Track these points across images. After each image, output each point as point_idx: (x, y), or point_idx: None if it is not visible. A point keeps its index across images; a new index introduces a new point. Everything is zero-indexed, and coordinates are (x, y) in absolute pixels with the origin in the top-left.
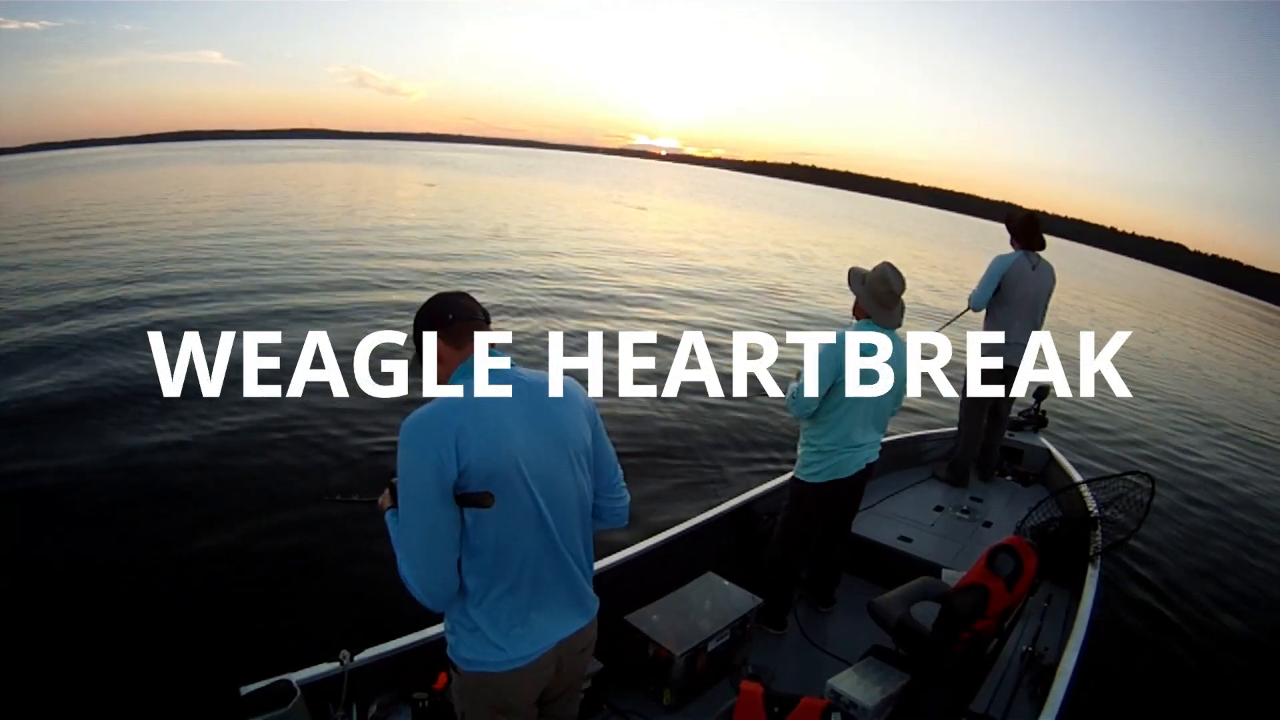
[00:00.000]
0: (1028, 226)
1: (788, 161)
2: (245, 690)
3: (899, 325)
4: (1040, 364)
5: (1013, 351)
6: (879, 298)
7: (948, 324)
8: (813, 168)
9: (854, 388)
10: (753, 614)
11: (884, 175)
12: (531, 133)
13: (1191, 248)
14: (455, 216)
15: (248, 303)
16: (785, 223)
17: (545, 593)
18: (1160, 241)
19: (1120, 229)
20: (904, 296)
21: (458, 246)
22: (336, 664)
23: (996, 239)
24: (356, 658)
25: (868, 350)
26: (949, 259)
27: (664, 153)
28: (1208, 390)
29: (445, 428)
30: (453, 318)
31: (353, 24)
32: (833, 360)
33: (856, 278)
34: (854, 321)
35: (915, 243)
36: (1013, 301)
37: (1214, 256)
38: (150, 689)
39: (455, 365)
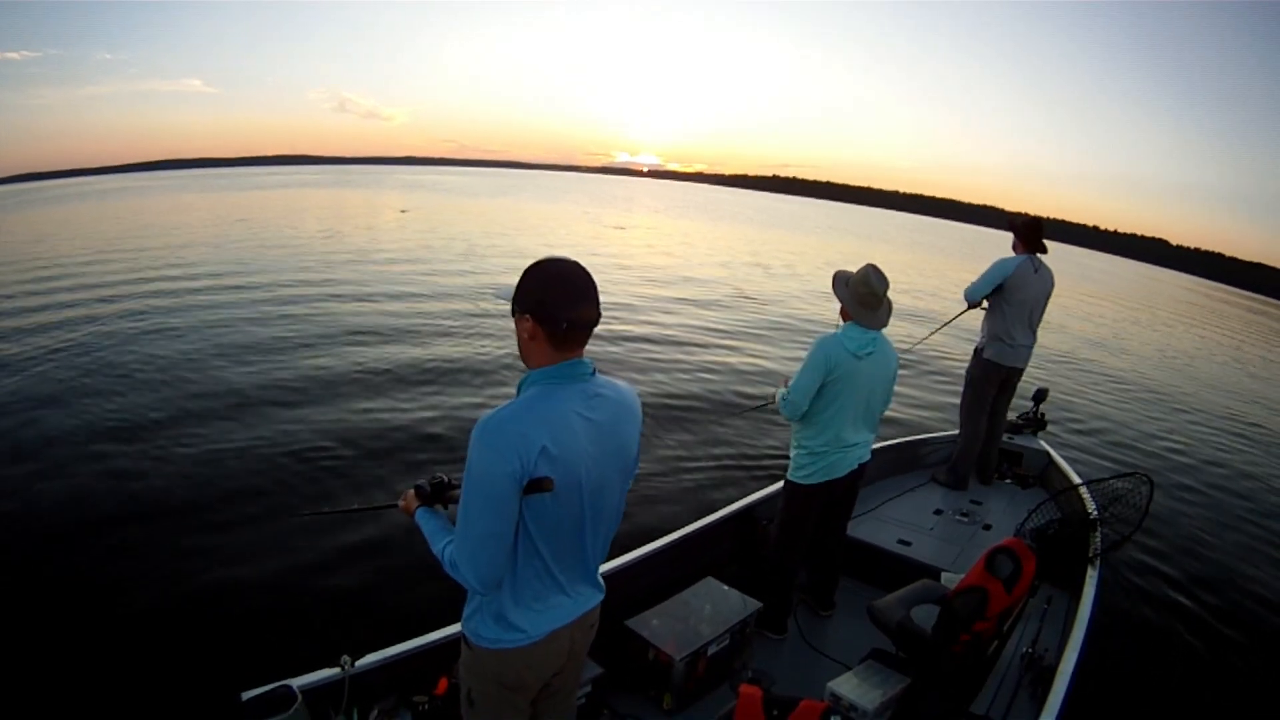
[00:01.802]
0: (1032, 230)
1: (769, 174)
2: (246, 696)
3: (885, 326)
4: (1039, 366)
5: (1013, 353)
6: (862, 299)
7: (946, 324)
8: (794, 179)
9: (843, 389)
10: (752, 618)
11: (866, 184)
12: (513, 153)
13: (1174, 242)
14: (429, 238)
15: (236, 325)
16: (764, 235)
17: (565, 582)
18: (1142, 237)
19: (1102, 226)
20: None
21: (420, 268)
22: (337, 669)
23: (977, 243)
24: (357, 663)
25: (855, 351)
26: (925, 263)
27: (645, 169)
28: (1202, 385)
29: (529, 438)
30: (566, 327)
31: (333, 50)
32: (821, 362)
33: (840, 281)
34: (841, 324)
35: (895, 249)
36: (1015, 304)
37: (1197, 250)
38: (152, 694)
39: (545, 362)
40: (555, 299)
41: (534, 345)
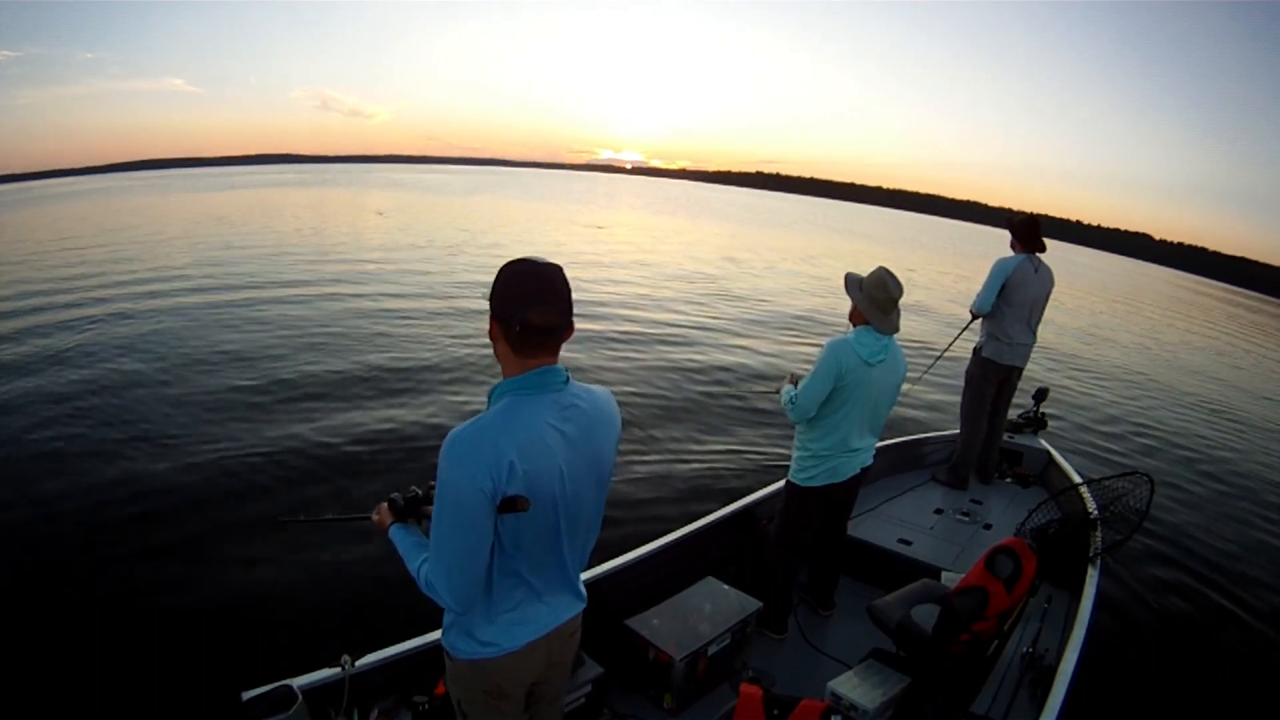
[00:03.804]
0: (1030, 229)
1: (753, 170)
2: (247, 695)
3: (897, 330)
4: (1039, 365)
5: (1014, 353)
6: (878, 303)
7: (956, 339)
8: (777, 175)
9: (852, 395)
10: (753, 618)
11: (849, 180)
12: (496, 151)
13: (1157, 236)
14: (403, 239)
15: (214, 330)
16: (744, 231)
17: (544, 588)
18: (1125, 232)
19: (1085, 221)
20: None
21: (392, 271)
22: (338, 669)
23: (961, 238)
24: (357, 663)
25: (868, 356)
26: (908, 259)
27: (629, 166)
28: (1198, 382)
29: (499, 454)
30: (520, 330)
31: (315, 48)
32: (833, 368)
33: (854, 283)
34: (851, 328)
35: (874, 244)
36: (1015, 304)
37: (1179, 244)
38: (153, 694)
39: (511, 368)
40: (512, 299)
41: (498, 348)
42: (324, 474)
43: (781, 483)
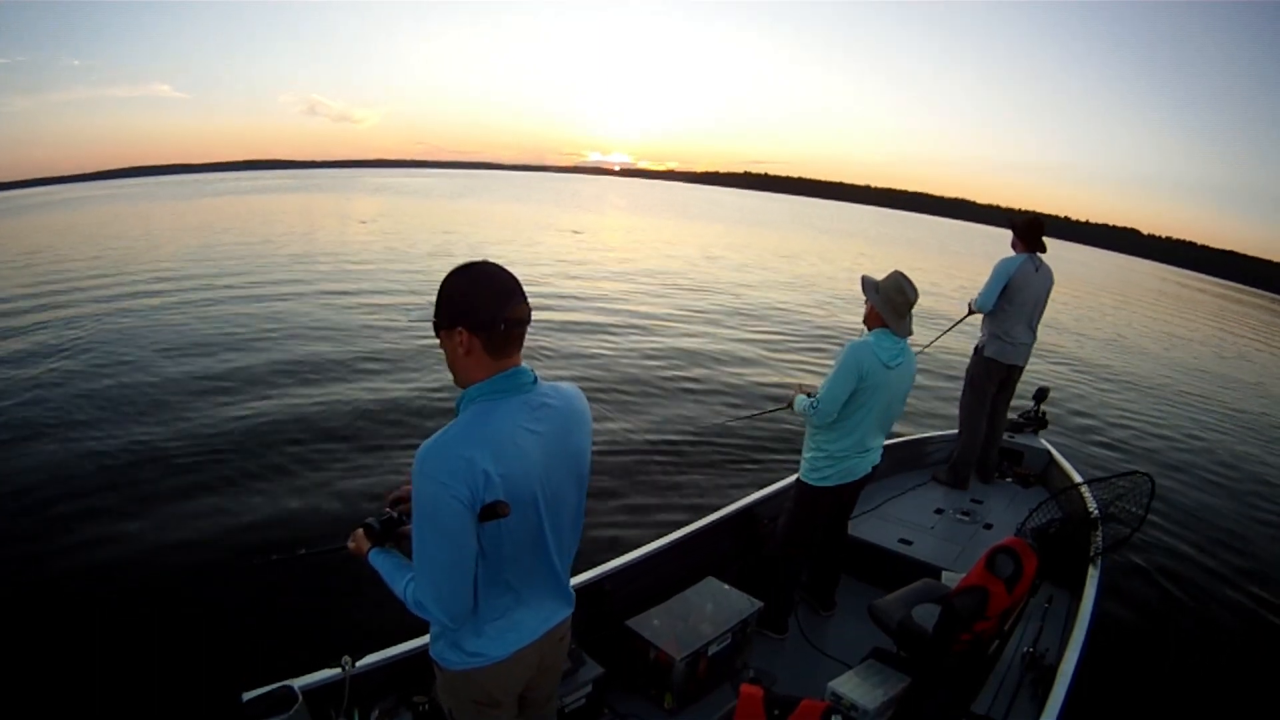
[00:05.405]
0: (1032, 229)
1: (740, 171)
2: (247, 696)
3: (910, 334)
4: (1039, 364)
5: (1017, 352)
6: (895, 307)
7: (948, 330)
8: (765, 175)
9: (871, 396)
10: (753, 618)
11: (837, 179)
12: (485, 154)
13: (1145, 231)
14: (385, 248)
15: (192, 344)
16: (732, 232)
17: (530, 593)
18: (1113, 227)
19: (1074, 217)
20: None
21: (373, 282)
22: (338, 670)
23: (949, 236)
24: (358, 663)
25: (887, 359)
26: (890, 257)
27: (617, 168)
28: (1196, 378)
29: (473, 462)
30: (505, 327)
31: (302, 53)
32: (854, 370)
33: (870, 286)
34: (865, 331)
35: (859, 243)
36: (1018, 303)
37: (1168, 238)
38: (154, 695)
39: (485, 374)
40: (487, 302)
41: (470, 359)
42: (299, 491)
43: (782, 482)
